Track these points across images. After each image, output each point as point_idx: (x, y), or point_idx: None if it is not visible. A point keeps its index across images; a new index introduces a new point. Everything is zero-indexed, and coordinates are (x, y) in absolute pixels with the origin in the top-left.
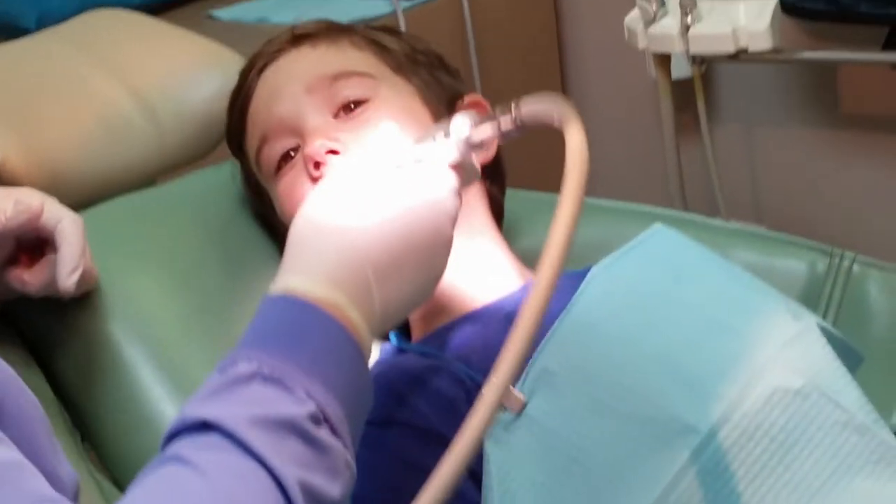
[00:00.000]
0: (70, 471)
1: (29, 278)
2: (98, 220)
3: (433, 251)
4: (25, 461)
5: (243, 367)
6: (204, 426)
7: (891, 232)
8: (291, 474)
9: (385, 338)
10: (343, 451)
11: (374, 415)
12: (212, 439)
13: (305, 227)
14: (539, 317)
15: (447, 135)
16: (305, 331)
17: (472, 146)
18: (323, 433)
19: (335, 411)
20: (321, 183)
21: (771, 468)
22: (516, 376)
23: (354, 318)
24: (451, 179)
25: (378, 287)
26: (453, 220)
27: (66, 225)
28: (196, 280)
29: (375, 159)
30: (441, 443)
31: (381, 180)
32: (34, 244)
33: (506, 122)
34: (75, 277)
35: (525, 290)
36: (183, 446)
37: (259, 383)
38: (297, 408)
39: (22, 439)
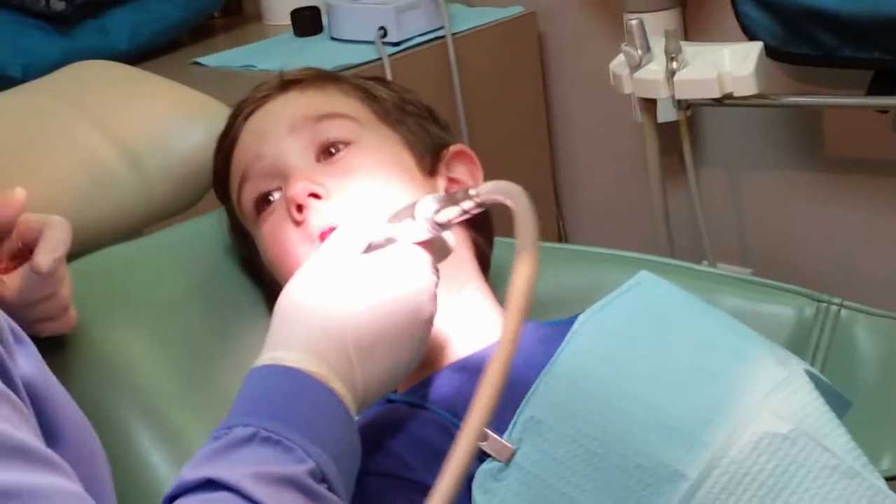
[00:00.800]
0: None
1: (7, 280)
2: (85, 270)
3: (413, 329)
4: (86, 495)
5: (240, 432)
6: (207, 484)
7: (877, 275)
8: None
9: None
10: None
11: (362, 465)
12: (217, 496)
13: (290, 307)
14: (507, 363)
15: (413, 216)
16: (297, 395)
17: (439, 226)
18: (323, 489)
19: (331, 470)
20: (305, 264)
21: None
22: (488, 423)
23: (339, 388)
24: (426, 258)
25: (360, 364)
26: (433, 297)
27: (55, 219)
28: (183, 330)
29: (352, 239)
30: (427, 493)
31: (362, 261)
32: (18, 254)
33: (468, 205)
34: (51, 257)
35: None
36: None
37: (257, 444)
38: (297, 466)
39: (82, 472)
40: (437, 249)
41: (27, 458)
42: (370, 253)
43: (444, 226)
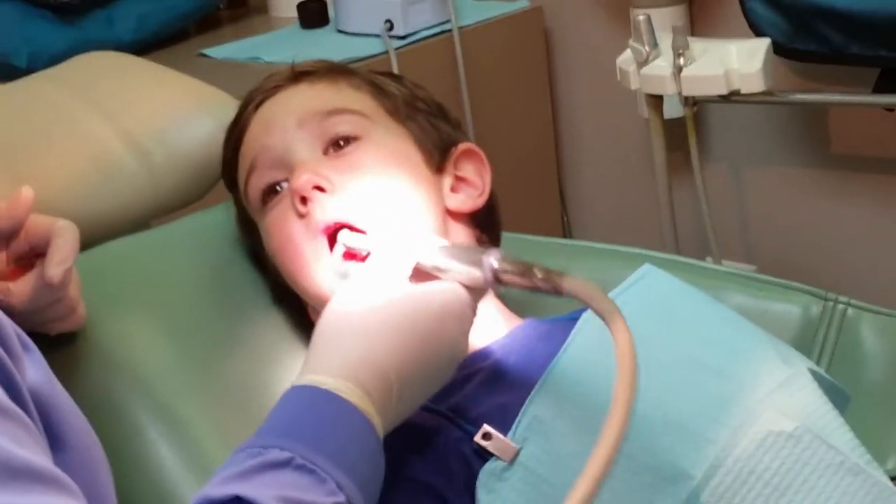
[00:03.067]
0: None
1: (14, 289)
2: (91, 263)
3: (447, 368)
4: None
5: (276, 455)
6: (233, 501)
7: (882, 274)
8: None
9: None
10: None
11: None
12: None
13: (335, 328)
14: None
15: (476, 263)
16: (337, 424)
17: (497, 281)
18: None
19: (359, 503)
20: (352, 282)
21: None
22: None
23: (377, 420)
24: (470, 303)
25: (398, 397)
26: (468, 334)
27: (63, 224)
28: (190, 323)
29: (401, 261)
30: (431, 494)
31: (412, 294)
32: (26, 260)
33: (542, 283)
34: (62, 269)
35: (511, 335)
36: None
37: (292, 470)
38: (327, 498)
39: (85, 479)
40: (480, 294)
41: (33, 479)
42: (419, 285)
43: (501, 283)
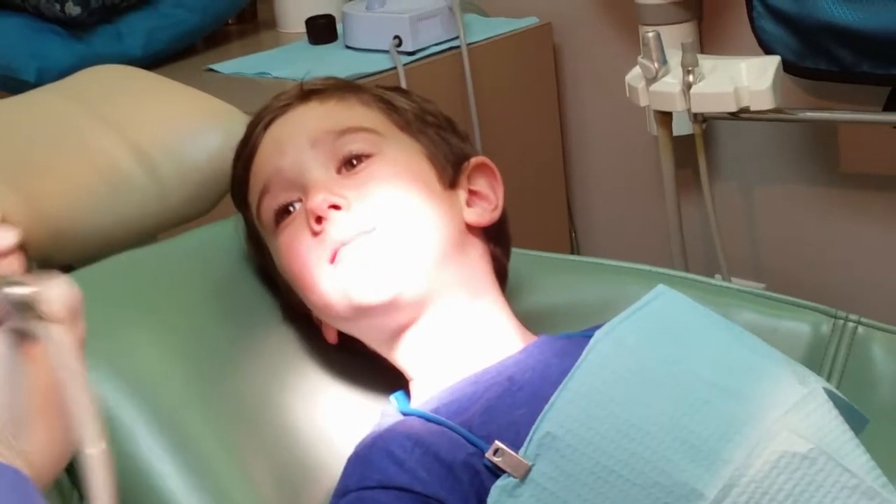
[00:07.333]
0: None
1: None
2: (99, 276)
3: None
4: None
5: None
6: None
7: (892, 291)
8: None
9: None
10: None
11: (374, 478)
12: None
13: None
14: None
15: None
16: None
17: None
18: None
19: None
20: None
21: None
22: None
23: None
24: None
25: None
26: None
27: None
28: (198, 337)
29: None
30: None
31: None
32: None
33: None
34: None
35: (526, 351)
36: None
37: None
38: None
39: None
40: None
41: None
42: None
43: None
